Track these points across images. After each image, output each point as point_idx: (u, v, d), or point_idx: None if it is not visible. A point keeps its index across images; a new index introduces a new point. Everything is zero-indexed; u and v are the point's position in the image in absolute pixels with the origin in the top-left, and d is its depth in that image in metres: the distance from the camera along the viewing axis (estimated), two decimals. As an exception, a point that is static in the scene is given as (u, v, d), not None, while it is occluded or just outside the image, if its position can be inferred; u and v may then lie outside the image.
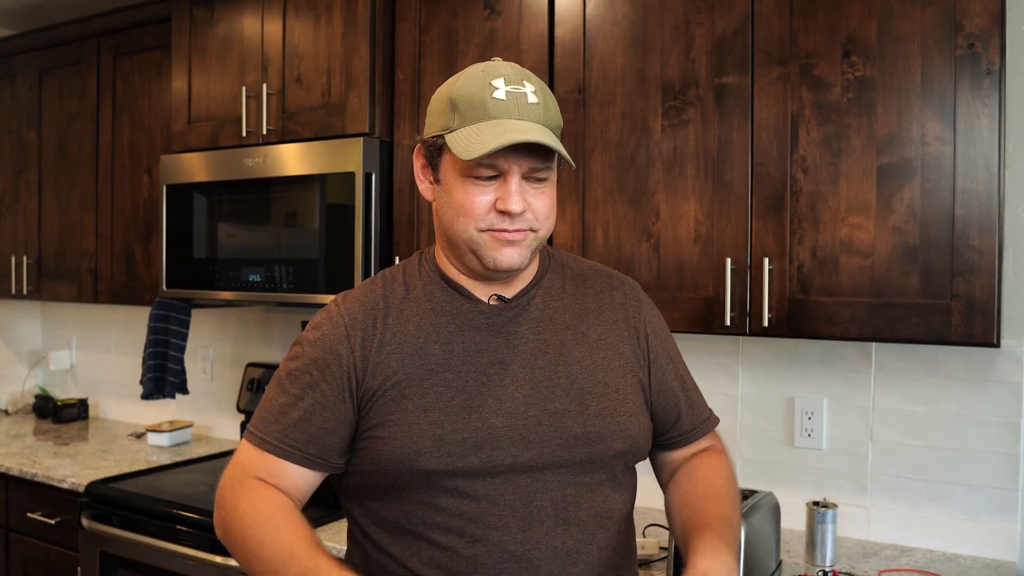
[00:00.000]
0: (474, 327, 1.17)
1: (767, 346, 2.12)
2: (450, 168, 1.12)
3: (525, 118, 1.08)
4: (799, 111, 1.74)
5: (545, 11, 2.03)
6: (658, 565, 1.83)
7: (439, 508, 1.10)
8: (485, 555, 1.09)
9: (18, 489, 2.65)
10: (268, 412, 1.17)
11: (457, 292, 1.19)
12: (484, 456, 1.10)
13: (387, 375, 1.13)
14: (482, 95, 1.09)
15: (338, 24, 2.29)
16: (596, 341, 1.21)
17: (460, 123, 1.10)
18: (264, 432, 1.16)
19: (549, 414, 1.13)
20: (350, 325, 1.16)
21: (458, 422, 1.11)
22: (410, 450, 1.10)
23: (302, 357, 1.18)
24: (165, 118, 2.76)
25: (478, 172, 1.09)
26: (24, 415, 3.55)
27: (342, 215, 2.21)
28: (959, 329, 1.58)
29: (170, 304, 2.78)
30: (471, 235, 1.11)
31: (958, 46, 1.59)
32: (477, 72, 1.12)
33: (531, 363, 1.16)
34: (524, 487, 1.11)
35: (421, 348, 1.15)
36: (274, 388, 1.19)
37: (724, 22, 1.81)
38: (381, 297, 1.19)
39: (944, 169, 1.61)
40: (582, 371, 1.18)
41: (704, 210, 1.84)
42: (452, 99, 1.11)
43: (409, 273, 1.23)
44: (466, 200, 1.10)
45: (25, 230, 3.20)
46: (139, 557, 2.26)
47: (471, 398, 1.12)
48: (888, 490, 1.98)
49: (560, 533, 1.11)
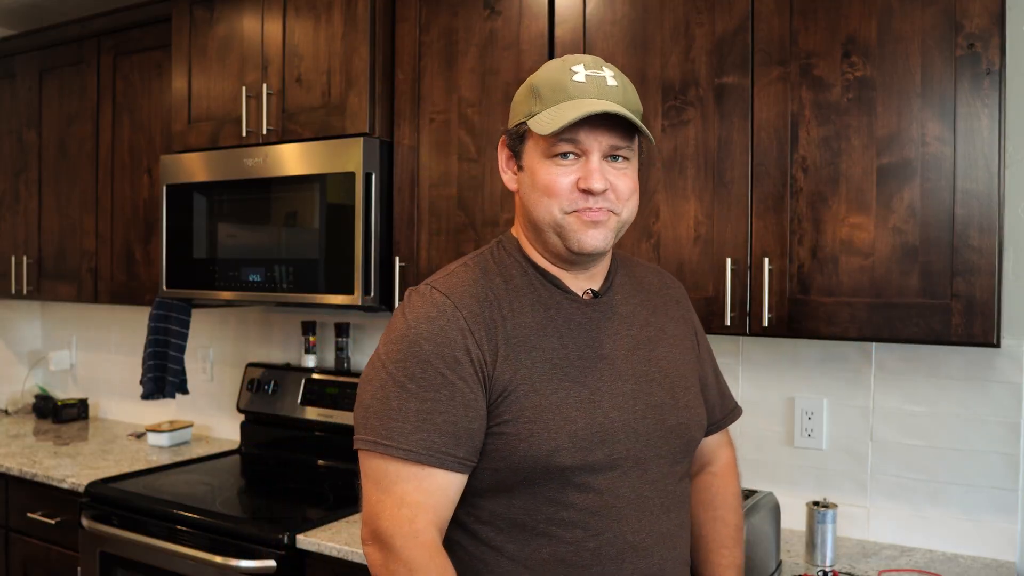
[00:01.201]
0: (578, 322, 1.18)
1: (767, 346, 2.12)
2: (533, 152, 1.15)
3: (605, 97, 1.11)
4: (799, 111, 1.74)
5: (545, 11, 2.03)
6: (658, 565, 1.83)
7: (565, 503, 1.11)
8: (608, 547, 1.12)
9: (18, 489, 2.65)
10: (402, 420, 1.08)
11: (555, 286, 1.19)
12: (607, 450, 1.12)
13: (516, 369, 1.11)
14: (562, 79, 1.12)
15: (338, 24, 2.29)
16: (672, 337, 1.27)
17: (541, 107, 1.12)
18: (411, 443, 1.07)
19: (651, 407, 1.18)
20: (469, 318, 1.12)
21: (587, 418, 1.12)
22: (549, 447, 1.09)
23: (422, 356, 1.10)
24: (165, 118, 2.76)
25: (560, 149, 1.11)
26: (24, 415, 3.55)
27: (342, 215, 2.21)
28: (959, 329, 1.58)
29: (170, 304, 2.78)
30: (555, 217, 1.13)
31: (958, 46, 1.59)
32: (557, 62, 1.16)
33: (630, 358, 1.19)
34: (636, 478, 1.15)
35: (542, 342, 1.14)
36: (395, 393, 1.10)
37: (724, 22, 1.81)
38: (486, 288, 1.16)
39: (944, 169, 1.61)
40: (669, 365, 1.24)
41: (704, 210, 1.84)
42: (534, 86, 1.15)
43: (501, 263, 1.20)
44: (549, 180, 1.12)
45: (25, 230, 3.20)
46: (139, 557, 2.26)
47: (593, 393, 1.14)
48: (888, 490, 1.98)
49: (664, 520, 1.18)
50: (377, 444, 1.09)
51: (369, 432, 1.10)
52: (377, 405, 1.11)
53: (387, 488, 1.09)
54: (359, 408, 1.13)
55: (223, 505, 2.28)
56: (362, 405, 1.13)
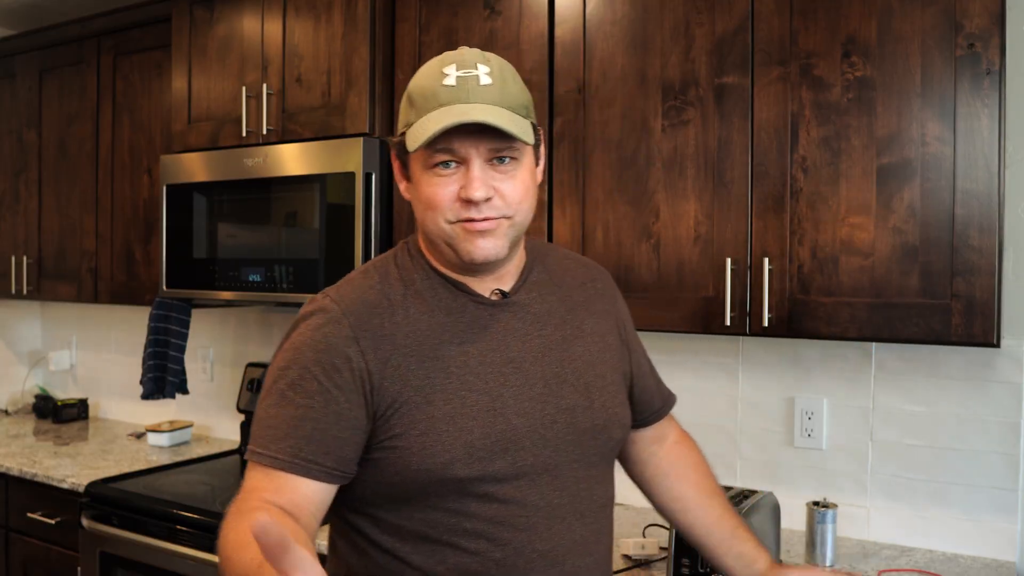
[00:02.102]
0: (482, 325, 1.13)
1: (767, 346, 2.12)
2: (415, 163, 1.10)
3: (475, 100, 1.05)
4: (799, 111, 1.74)
5: (545, 11, 2.03)
6: (658, 565, 1.83)
7: (467, 514, 1.07)
8: (515, 557, 1.08)
9: (18, 489, 2.65)
10: (274, 428, 1.06)
11: (458, 288, 1.14)
12: (510, 459, 1.09)
13: (407, 380, 1.07)
14: (433, 84, 1.08)
15: (338, 24, 2.29)
16: (590, 334, 1.22)
17: (416, 116, 1.08)
18: (274, 450, 1.04)
19: (561, 411, 1.14)
20: (356, 325, 1.07)
21: (485, 426, 1.08)
22: (443, 459, 1.05)
23: (303, 362, 1.07)
24: (165, 118, 2.76)
25: (437, 159, 1.06)
26: (24, 415, 3.55)
27: (342, 215, 2.21)
28: (959, 329, 1.58)
29: (170, 304, 2.78)
30: (442, 228, 1.09)
31: (958, 46, 1.59)
32: (433, 63, 1.11)
33: (540, 360, 1.15)
34: (546, 485, 1.11)
35: (437, 350, 1.09)
36: (274, 400, 1.07)
37: (724, 22, 1.81)
38: (382, 294, 1.12)
39: (944, 169, 1.61)
40: (584, 365, 1.18)
41: (704, 210, 1.84)
42: (409, 94, 1.11)
43: (403, 267, 1.16)
44: (431, 192, 1.08)
45: (25, 230, 3.20)
46: (139, 557, 2.26)
47: (494, 400, 1.09)
48: (888, 490, 1.98)
49: (578, 527, 1.14)
50: (252, 453, 1.06)
51: (251, 439, 1.08)
52: (259, 413, 1.08)
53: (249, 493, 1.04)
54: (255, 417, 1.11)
55: (223, 505, 2.25)
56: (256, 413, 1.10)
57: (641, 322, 1.91)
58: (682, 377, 2.24)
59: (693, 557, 1.60)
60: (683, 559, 1.61)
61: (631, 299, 1.92)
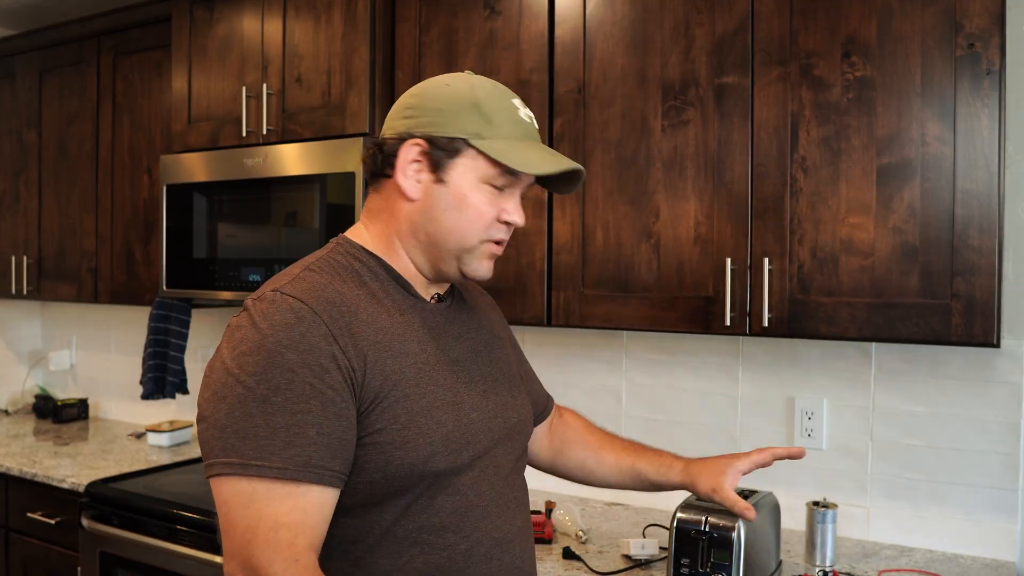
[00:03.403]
0: (430, 326, 1.17)
1: (767, 346, 2.12)
2: (468, 172, 1.11)
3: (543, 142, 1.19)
4: (799, 111, 1.74)
5: (545, 11, 2.03)
6: (658, 565, 1.83)
7: (436, 509, 1.09)
8: (478, 547, 1.12)
9: (18, 489, 2.65)
10: (270, 437, 0.98)
11: (406, 291, 1.16)
12: (471, 451, 1.13)
13: (386, 374, 1.06)
14: (510, 108, 1.13)
15: (338, 24, 2.29)
16: (499, 338, 1.31)
17: (493, 132, 1.10)
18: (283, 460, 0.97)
19: (500, 406, 1.21)
20: (330, 323, 1.04)
21: (455, 420, 1.12)
22: (425, 452, 1.06)
23: (286, 365, 1.00)
24: (165, 118, 2.76)
25: (504, 182, 1.12)
26: (24, 415, 3.55)
27: (342, 215, 2.21)
28: (959, 329, 1.58)
29: (170, 304, 2.78)
30: (470, 243, 1.12)
31: (958, 46, 1.59)
32: (489, 85, 1.14)
33: (475, 360, 1.21)
34: (493, 475, 1.17)
35: (404, 346, 1.10)
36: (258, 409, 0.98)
37: (724, 22, 1.81)
38: (338, 292, 1.09)
39: (944, 169, 1.61)
40: (504, 365, 1.28)
41: (704, 210, 1.84)
42: (478, 104, 1.11)
43: (349, 268, 1.14)
44: (480, 207, 1.12)
45: (25, 230, 3.20)
46: (139, 557, 2.26)
47: (455, 395, 1.14)
48: (888, 490, 1.98)
49: (519, 514, 1.22)
50: (245, 466, 0.97)
51: (231, 454, 0.98)
52: (236, 424, 0.98)
53: (258, 512, 0.97)
54: (211, 430, 1.00)
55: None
56: (215, 426, 1.00)
57: (641, 322, 1.91)
58: (682, 377, 2.24)
59: (693, 557, 1.60)
60: (683, 559, 1.61)
61: (631, 299, 1.93)
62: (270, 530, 0.97)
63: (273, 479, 0.97)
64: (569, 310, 2.00)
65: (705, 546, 1.59)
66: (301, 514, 0.98)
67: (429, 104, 1.13)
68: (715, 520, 1.59)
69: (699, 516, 1.61)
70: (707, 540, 1.59)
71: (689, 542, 1.61)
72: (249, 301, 1.07)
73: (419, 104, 1.14)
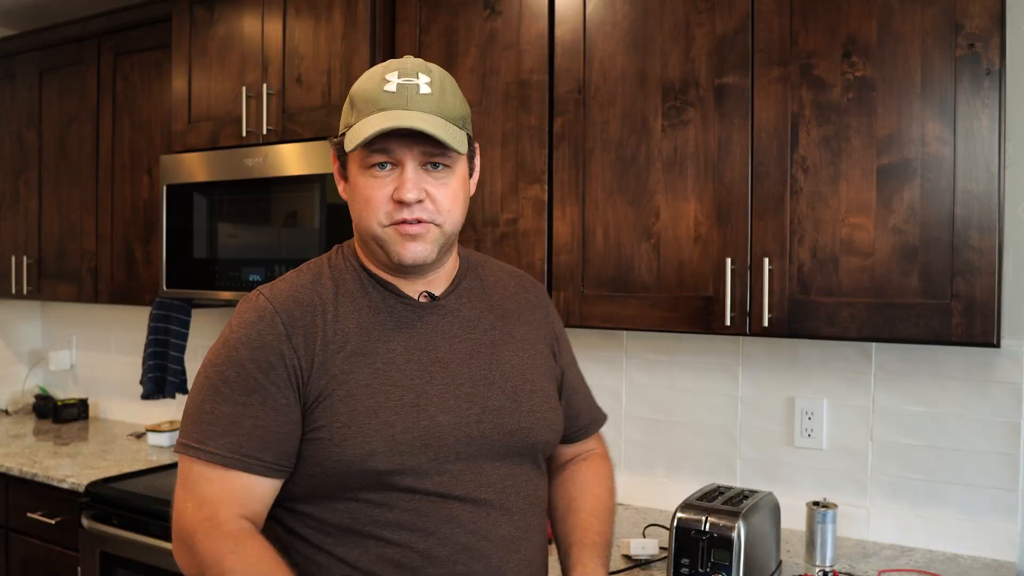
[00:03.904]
0: (410, 325, 1.17)
1: (767, 346, 2.12)
2: (353, 163, 1.15)
3: (413, 108, 1.10)
4: (799, 111, 1.74)
5: (545, 11, 2.03)
6: (658, 565, 1.83)
7: (390, 506, 1.10)
8: (439, 548, 1.11)
9: (18, 489, 2.65)
10: (212, 424, 1.09)
11: (387, 289, 1.18)
12: (432, 454, 1.12)
13: (333, 374, 1.11)
14: (374, 89, 1.12)
15: (338, 24, 2.29)
16: (520, 341, 1.26)
17: (356, 118, 1.12)
18: (214, 446, 1.09)
19: (488, 411, 1.17)
20: (288, 323, 1.12)
21: (408, 421, 1.11)
22: (363, 451, 1.08)
23: (238, 360, 1.11)
24: (165, 118, 2.76)
25: (374, 160, 1.11)
26: (24, 415, 3.55)
27: (342, 215, 2.21)
28: (959, 329, 1.58)
29: (170, 304, 2.78)
30: (376, 230, 1.13)
31: (958, 46, 1.59)
32: (377, 69, 1.15)
33: (468, 362, 1.19)
34: (470, 481, 1.14)
35: (365, 346, 1.13)
36: (209, 396, 1.11)
37: (724, 22, 1.81)
38: (314, 293, 1.16)
39: (944, 169, 1.61)
40: (512, 370, 1.22)
41: (704, 210, 1.84)
42: (351, 96, 1.15)
43: (335, 268, 1.21)
44: (367, 192, 1.12)
45: (25, 230, 3.20)
46: (139, 557, 2.26)
47: (418, 396, 1.13)
48: (888, 490, 1.98)
49: (505, 523, 1.16)
50: (187, 447, 1.10)
51: (183, 435, 1.12)
52: (193, 409, 1.12)
53: (190, 489, 1.11)
54: (184, 411, 1.15)
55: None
56: (186, 408, 1.14)
57: (641, 322, 1.91)
58: (682, 377, 2.24)
59: (693, 557, 1.60)
60: (683, 559, 1.61)
61: (631, 299, 1.93)
62: (196, 505, 1.10)
63: (206, 462, 1.09)
64: (569, 310, 2.00)
65: (705, 546, 1.59)
66: (227, 494, 1.09)
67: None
68: (715, 520, 1.59)
69: (699, 516, 1.61)
70: (707, 540, 1.59)
71: (689, 542, 1.61)
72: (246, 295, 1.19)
73: None
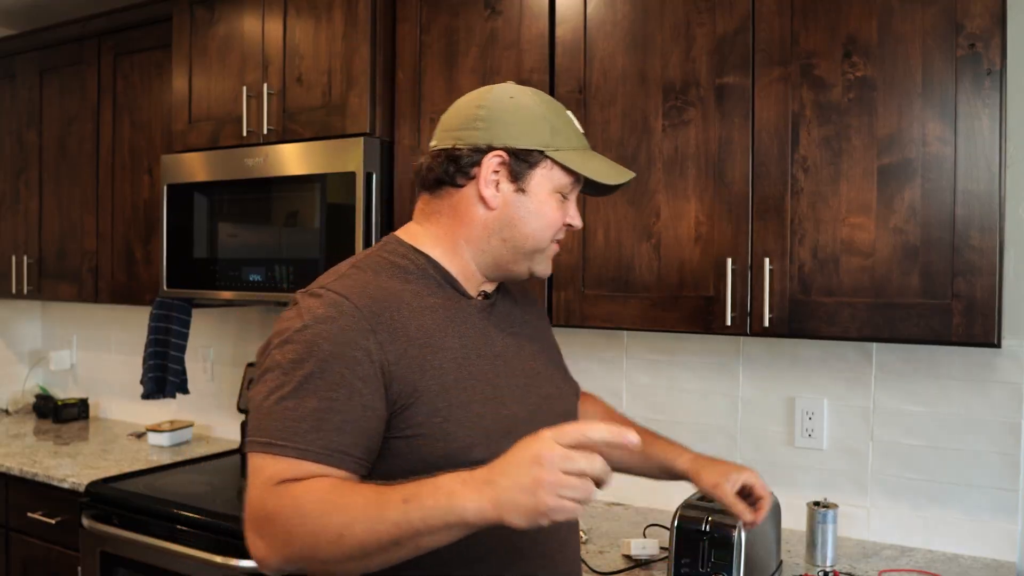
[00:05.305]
0: (473, 323, 1.22)
1: (767, 346, 2.12)
2: (545, 181, 1.20)
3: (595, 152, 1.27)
4: (800, 111, 1.74)
5: (546, 11, 2.03)
6: (658, 565, 1.83)
7: None
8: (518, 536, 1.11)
9: (18, 489, 2.65)
10: (296, 420, 1.05)
11: (453, 288, 1.22)
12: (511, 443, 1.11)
13: (424, 370, 1.12)
14: (571, 124, 1.23)
15: (339, 24, 2.29)
16: (542, 332, 1.39)
17: (564, 144, 1.20)
18: (306, 442, 1.04)
19: (543, 399, 1.25)
20: (370, 318, 1.10)
21: (493, 412, 1.15)
22: (465, 443, 1.11)
23: (320, 355, 1.07)
24: (165, 118, 2.76)
25: (569, 190, 1.23)
26: (24, 415, 3.55)
27: (342, 215, 2.21)
28: (960, 329, 1.59)
29: (171, 304, 2.78)
30: (542, 245, 1.23)
31: (959, 46, 1.59)
32: (547, 98, 1.23)
33: (518, 355, 1.26)
34: None
35: (443, 342, 1.16)
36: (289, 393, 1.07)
37: (725, 22, 1.81)
38: (381, 288, 1.15)
39: (945, 169, 1.61)
40: (548, 359, 1.34)
41: (705, 210, 1.84)
42: (548, 119, 1.20)
43: (395, 265, 1.20)
44: (553, 213, 1.22)
45: (25, 230, 3.20)
46: (140, 557, 2.26)
47: (495, 389, 1.18)
48: (888, 490, 1.98)
49: None
50: (271, 445, 1.05)
51: (262, 434, 1.06)
52: (271, 406, 1.07)
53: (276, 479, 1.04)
54: (254, 412, 1.09)
55: (224, 505, 2.28)
56: (254, 406, 1.09)
57: (642, 322, 1.91)
58: (682, 377, 2.24)
59: (694, 557, 1.60)
60: (684, 559, 1.61)
61: (632, 299, 1.93)
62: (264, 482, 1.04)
63: (294, 459, 1.04)
64: (569, 310, 2.00)
65: (706, 546, 1.59)
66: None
67: (502, 116, 1.19)
68: (716, 520, 1.59)
69: (700, 516, 1.61)
70: (708, 540, 1.59)
71: (690, 542, 1.61)
72: (299, 295, 1.15)
73: (490, 116, 1.19)
